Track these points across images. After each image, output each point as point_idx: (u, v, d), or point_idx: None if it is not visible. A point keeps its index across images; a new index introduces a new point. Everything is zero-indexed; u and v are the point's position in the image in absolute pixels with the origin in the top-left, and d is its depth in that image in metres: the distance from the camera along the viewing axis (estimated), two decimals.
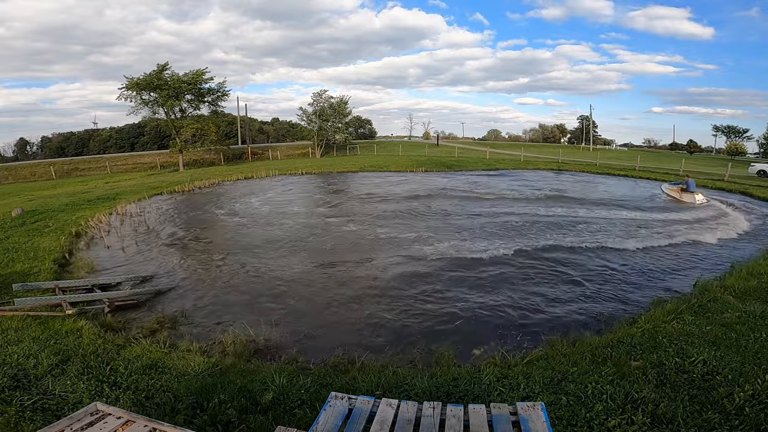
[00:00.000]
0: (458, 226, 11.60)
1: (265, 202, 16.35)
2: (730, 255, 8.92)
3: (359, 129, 72.07)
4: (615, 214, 13.45)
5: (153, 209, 15.29)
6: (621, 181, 23.77)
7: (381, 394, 3.72)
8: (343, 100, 46.27)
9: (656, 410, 3.33)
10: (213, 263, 8.67)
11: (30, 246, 9.24)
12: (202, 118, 36.85)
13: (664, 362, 4.10)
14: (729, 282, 6.52)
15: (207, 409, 3.49)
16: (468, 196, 17.12)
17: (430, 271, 7.91)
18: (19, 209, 13.52)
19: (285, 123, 79.60)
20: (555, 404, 3.49)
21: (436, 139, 70.41)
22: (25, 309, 5.64)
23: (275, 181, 24.00)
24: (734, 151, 50.82)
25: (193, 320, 6.04)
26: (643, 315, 5.63)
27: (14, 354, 4.39)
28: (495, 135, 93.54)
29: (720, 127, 66.26)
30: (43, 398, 3.65)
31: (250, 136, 54.71)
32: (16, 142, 70.09)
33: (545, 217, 12.94)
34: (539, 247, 9.43)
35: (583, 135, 73.16)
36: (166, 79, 33.33)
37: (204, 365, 4.37)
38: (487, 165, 31.59)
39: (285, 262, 8.64)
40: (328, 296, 6.83)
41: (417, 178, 23.96)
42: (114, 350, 4.67)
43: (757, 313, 5.13)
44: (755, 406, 3.32)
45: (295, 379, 4.09)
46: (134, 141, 62.67)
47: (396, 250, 9.23)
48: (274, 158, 43.65)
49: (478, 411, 2.57)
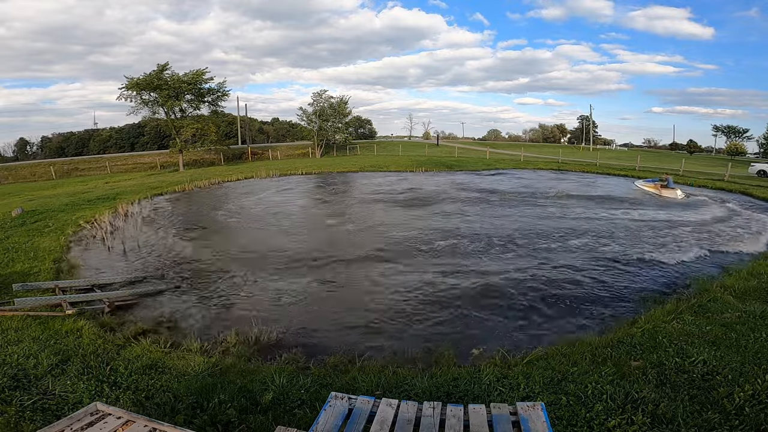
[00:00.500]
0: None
1: (265, 202, 16.36)
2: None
3: (359, 129, 72.06)
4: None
5: (153, 209, 15.30)
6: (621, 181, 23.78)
7: (381, 394, 3.72)
8: (343, 100, 46.30)
9: (656, 410, 3.34)
10: (213, 263, 8.67)
11: (30, 246, 9.24)
12: (202, 118, 36.86)
13: (664, 362, 4.10)
14: (729, 282, 6.52)
15: (207, 409, 3.49)
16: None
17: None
18: (19, 209, 13.52)
19: (285, 123, 79.60)
20: (555, 404, 3.49)
21: (436, 139, 70.39)
22: (25, 309, 5.64)
23: (275, 181, 24.01)
24: (734, 151, 50.84)
25: (193, 320, 6.03)
26: (643, 315, 5.62)
27: (14, 354, 4.39)
28: (495, 135, 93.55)
29: (720, 127, 66.29)
30: (43, 398, 3.65)
31: (250, 136, 54.71)
32: (16, 142, 70.12)
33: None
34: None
35: (583, 135, 73.16)
36: (166, 79, 33.34)
37: (204, 365, 4.37)
38: (487, 165, 31.59)
39: (286, 263, 8.64)
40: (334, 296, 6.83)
41: (418, 179, 23.97)
42: (114, 350, 4.67)
43: (757, 313, 5.13)
44: (755, 406, 3.32)
45: (295, 379, 4.09)
46: (134, 141, 62.68)
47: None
48: (274, 158, 43.65)
49: (478, 411, 2.57)
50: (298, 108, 50.77)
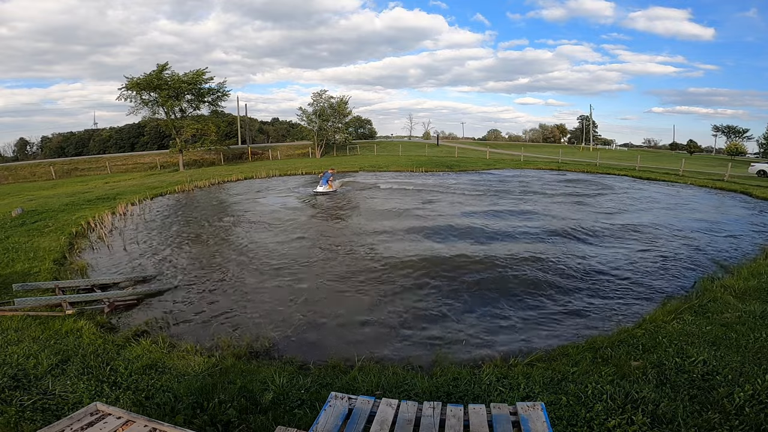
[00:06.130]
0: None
1: (263, 202, 16.36)
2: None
3: (359, 129, 72.08)
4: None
5: (153, 209, 15.29)
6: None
7: (381, 394, 3.72)
8: (343, 100, 46.34)
9: (656, 410, 3.33)
10: (214, 263, 8.67)
11: (30, 246, 9.24)
12: (202, 118, 36.87)
13: (664, 362, 4.10)
14: (729, 282, 6.52)
15: (207, 409, 3.49)
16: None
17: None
18: (19, 209, 13.52)
19: (285, 123, 79.70)
20: (555, 404, 3.49)
21: (436, 139, 70.47)
22: (25, 309, 5.64)
23: (274, 181, 24.01)
24: (734, 151, 50.91)
25: (194, 320, 6.03)
26: (644, 315, 5.63)
27: (14, 354, 4.38)
28: (495, 135, 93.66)
29: (720, 127, 66.42)
30: (43, 398, 3.65)
31: (250, 136, 54.73)
32: (16, 142, 70.14)
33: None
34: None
35: (583, 135, 73.20)
36: (166, 79, 33.34)
37: (204, 365, 4.37)
38: (487, 165, 31.61)
39: (285, 262, 8.63)
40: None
41: (420, 179, 23.96)
42: (114, 350, 4.66)
43: (757, 313, 5.13)
44: (755, 406, 3.32)
45: (295, 379, 4.09)
46: (134, 141, 62.72)
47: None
48: (274, 158, 43.67)
49: (478, 411, 2.57)
50: (298, 108, 50.85)
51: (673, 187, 21.60)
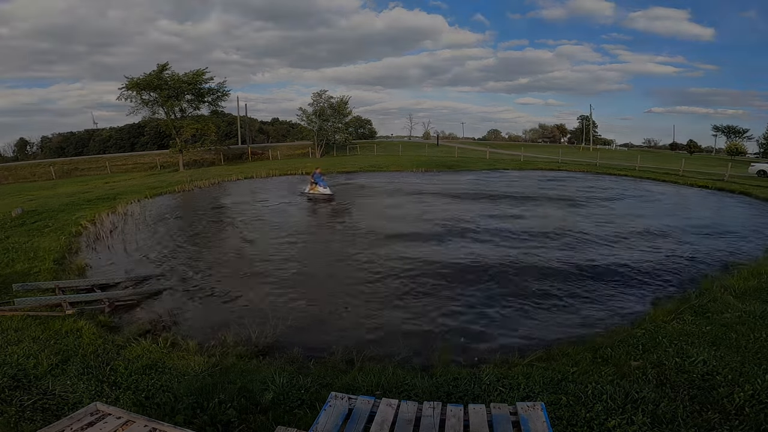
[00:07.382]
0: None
1: (263, 201, 16.35)
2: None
3: (359, 129, 72.00)
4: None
5: (153, 209, 15.29)
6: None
7: (381, 394, 3.72)
8: (343, 100, 46.35)
9: (656, 410, 3.33)
10: (214, 263, 8.67)
11: (30, 246, 9.23)
12: (202, 118, 36.88)
13: (664, 362, 4.10)
14: (729, 282, 6.52)
15: (207, 409, 3.48)
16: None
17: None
18: (19, 209, 13.52)
19: (285, 123, 79.64)
20: (555, 404, 3.49)
21: (436, 139, 70.46)
22: (25, 309, 5.64)
23: (274, 181, 24.00)
24: (734, 151, 50.86)
25: (194, 320, 6.03)
26: (644, 315, 5.63)
27: (14, 354, 4.38)
28: (495, 135, 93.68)
29: (720, 127, 66.34)
30: (43, 398, 3.65)
31: (250, 136, 54.72)
32: (16, 142, 70.08)
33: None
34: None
35: (583, 135, 73.20)
36: (166, 79, 33.35)
37: (204, 365, 4.37)
38: (487, 165, 31.61)
39: (285, 262, 8.63)
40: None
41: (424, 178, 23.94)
42: (114, 350, 4.66)
43: (757, 313, 5.13)
44: (755, 406, 3.32)
45: (295, 379, 4.08)
46: (134, 141, 62.66)
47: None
48: (274, 158, 43.64)
49: (478, 411, 2.57)
50: (298, 108, 50.83)
51: (673, 187, 21.63)
